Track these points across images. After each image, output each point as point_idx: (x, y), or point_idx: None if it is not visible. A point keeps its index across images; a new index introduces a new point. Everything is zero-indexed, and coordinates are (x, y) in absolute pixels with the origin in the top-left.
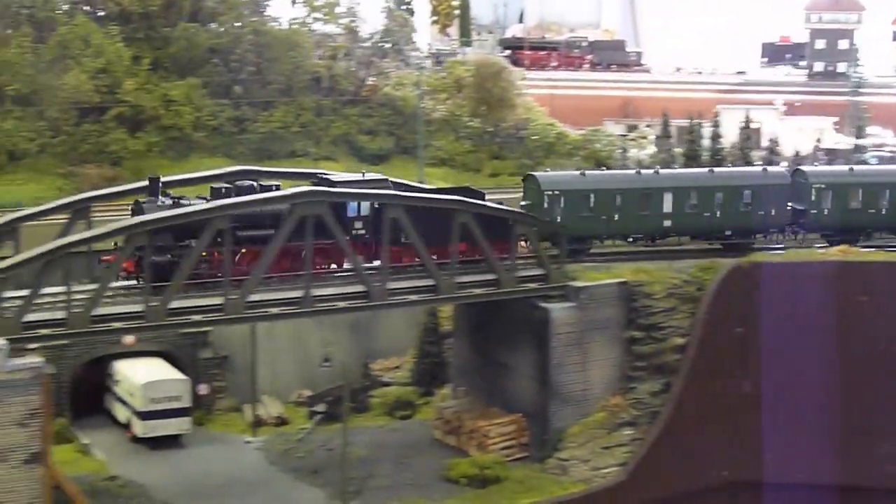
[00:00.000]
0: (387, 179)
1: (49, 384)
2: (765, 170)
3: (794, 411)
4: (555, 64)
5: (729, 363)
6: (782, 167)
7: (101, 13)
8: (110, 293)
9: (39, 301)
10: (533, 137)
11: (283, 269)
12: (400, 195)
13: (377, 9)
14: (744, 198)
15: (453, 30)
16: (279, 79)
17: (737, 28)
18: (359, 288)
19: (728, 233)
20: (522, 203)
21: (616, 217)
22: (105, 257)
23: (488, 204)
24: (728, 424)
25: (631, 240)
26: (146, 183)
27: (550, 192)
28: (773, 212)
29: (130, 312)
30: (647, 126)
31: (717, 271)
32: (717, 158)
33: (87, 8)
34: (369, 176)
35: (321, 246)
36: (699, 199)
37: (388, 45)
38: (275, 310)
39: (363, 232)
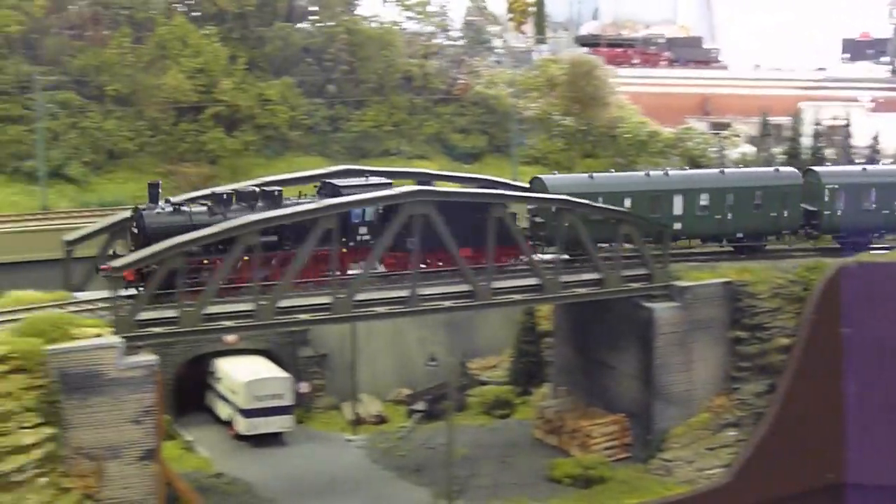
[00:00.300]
0: (390, 182)
1: (162, 382)
2: (776, 170)
3: None
4: (636, 61)
5: (835, 364)
6: (791, 168)
7: (197, 13)
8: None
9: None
10: (625, 136)
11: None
12: (504, 194)
13: (465, 7)
14: (755, 199)
15: (527, 27)
16: (372, 78)
17: (814, 24)
18: (464, 287)
19: (739, 235)
20: (529, 207)
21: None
22: (103, 266)
23: (590, 203)
24: (834, 426)
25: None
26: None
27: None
28: (785, 213)
29: (240, 311)
30: (742, 124)
31: (824, 271)
32: (819, 157)
33: (184, 8)
34: (374, 179)
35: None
36: (710, 200)
37: (479, 44)
38: (381, 309)
39: (368, 238)
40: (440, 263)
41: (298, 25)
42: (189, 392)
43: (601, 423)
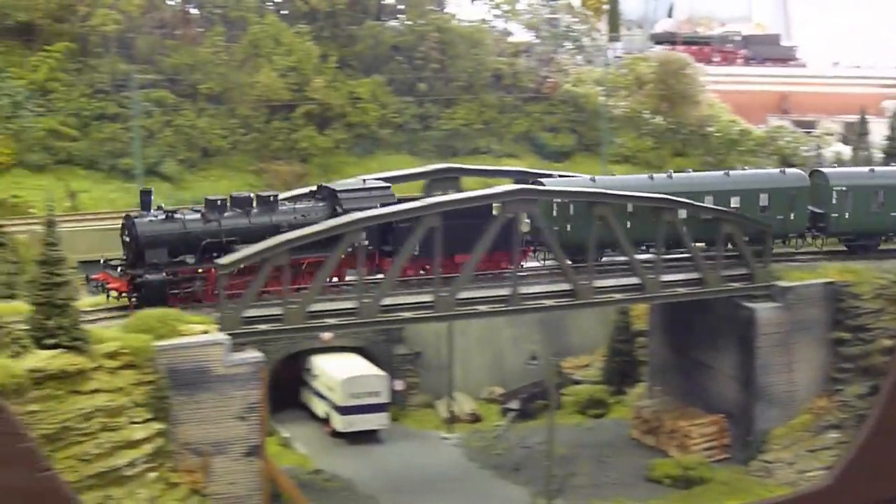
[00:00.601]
0: (388, 187)
1: (266, 378)
2: (782, 171)
3: None
4: (717, 59)
5: None
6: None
7: (286, 12)
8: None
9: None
10: (716, 134)
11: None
12: (610, 193)
13: (554, 6)
14: (760, 201)
15: (601, 25)
16: (461, 76)
17: (890, 24)
18: (565, 286)
19: (745, 239)
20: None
21: (629, 225)
22: (94, 276)
23: (696, 203)
24: None
25: (644, 248)
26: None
27: (560, 200)
28: (791, 216)
29: (343, 309)
30: (829, 123)
31: None
32: None
33: (277, 7)
34: (370, 182)
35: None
36: (714, 203)
37: (568, 43)
38: (483, 307)
39: (366, 243)
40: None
41: (388, 24)
42: (284, 389)
43: (700, 424)
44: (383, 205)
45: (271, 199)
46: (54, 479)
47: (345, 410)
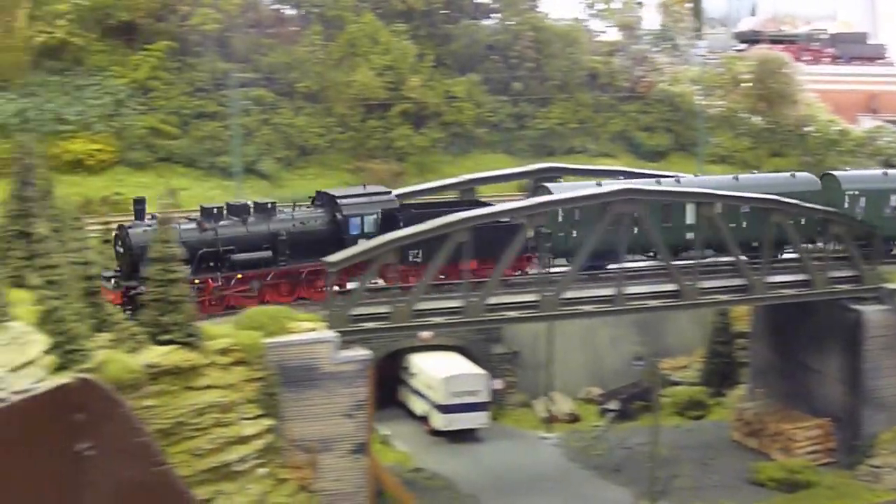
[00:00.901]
0: (390, 192)
1: (373, 376)
2: (793, 175)
3: None
4: (806, 58)
5: None
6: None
7: (382, 11)
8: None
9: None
10: (814, 135)
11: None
12: (710, 193)
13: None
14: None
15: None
16: (556, 75)
17: None
18: (670, 287)
19: (755, 244)
20: None
21: (635, 230)
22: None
23: (800, 204)
24: None
25: (652, 254)
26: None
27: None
28: (802, 220)
29: (448, 308)
30: None
31: None
32: None
33: (373, 6)
34: (371, 188)
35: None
36: (723, 208)
37: (664, 42)
38: (588, 307)
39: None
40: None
41: (484, 22)
42: (382, 387)
43: (805, 427)
44: (385, 211)
45: (269, 206)
46: (169, 474)
47: (445, 409)
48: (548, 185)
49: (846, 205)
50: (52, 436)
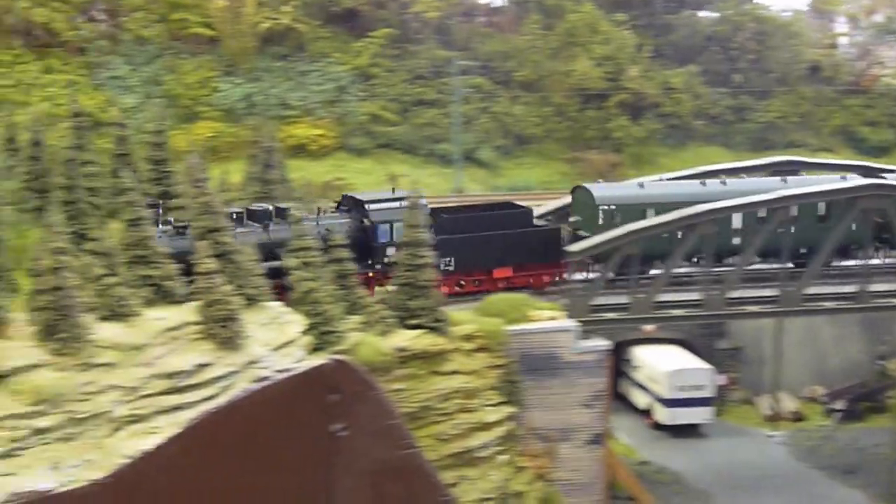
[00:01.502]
0: (420, 196)
1: (611, 367)
2: (843, 178)
3: None
4: None
5: None
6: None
7: (600, 0)
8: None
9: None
10: None
11: None
12: None
13: None
14: (818, 211)
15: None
16: (777, 67)
17: None
18: None
19: (803, 251)
20: (570, 220)
21: (678, 234)
22: None
23: None
24: None
25: (695, 260)
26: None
27: (606, 207)
28: (853, 226)
29: (687, 301)
30: None
31: None
32: None
33: None
34: (400, 192)
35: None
36: (767, 213)
37: (889, 34)
38: (829, 303)
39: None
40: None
41: (703, 13)
42: None
43: None
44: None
45: (286, 210)
46: (419, 457)
47: (669, 403)
48: (587, 185)
49: None
50: (308, 415)
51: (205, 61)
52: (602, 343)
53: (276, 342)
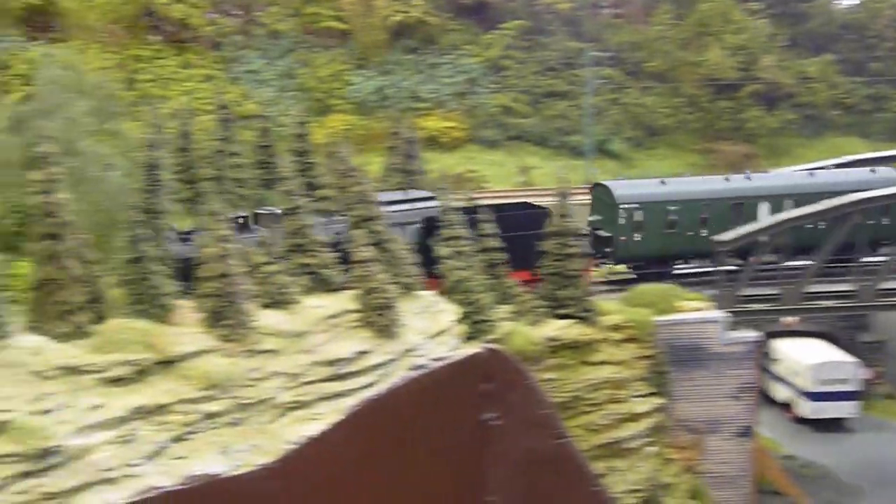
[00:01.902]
0: (433, 197)
1: (760, 358)
2: (873, 171)
3: None
4: None
5: None
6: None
7: None
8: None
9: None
10: None
11: None
12: None
13: None
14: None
15: None
16: None
17: None
18: None
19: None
20: (590, 218)
21: (702, 232)
22: None
23: None
24: None
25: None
26: None
27: (627, 206)
28: (884, 220)
29: (838, 292)
30: None
31: None
32: None
33: None
34: (413, 193)
35: None
36: (795, 207)
37: None
38: None
39: None
40: None
41: (840, 1)
42: None
43: None
44: (427, 219)
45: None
46: (571, 446)
47: (813, 396)
48: (606, 182)
49: None
50: (461, 403)
51: (337, 55)
52: (751, 334)
53: (430, 331)
